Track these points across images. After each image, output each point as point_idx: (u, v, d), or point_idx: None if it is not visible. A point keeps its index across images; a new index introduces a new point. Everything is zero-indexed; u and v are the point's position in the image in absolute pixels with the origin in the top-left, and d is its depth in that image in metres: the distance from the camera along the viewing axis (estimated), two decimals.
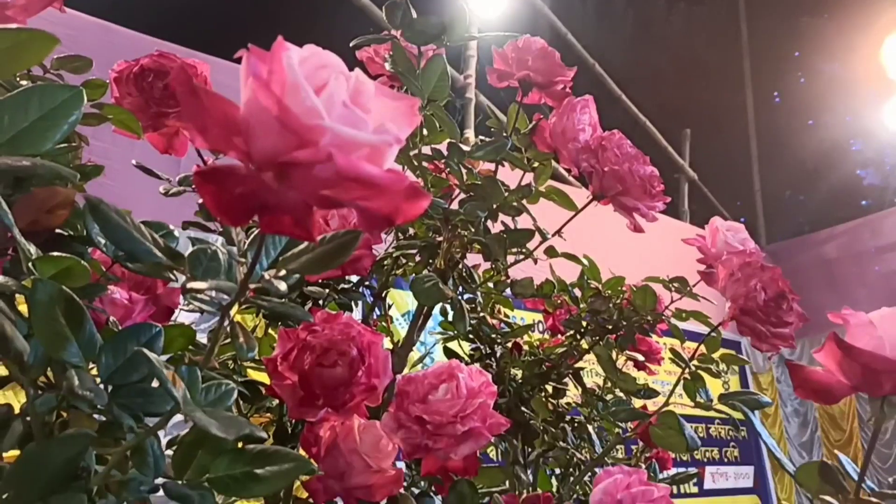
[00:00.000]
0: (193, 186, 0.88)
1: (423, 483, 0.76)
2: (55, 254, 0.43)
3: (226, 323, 0.37)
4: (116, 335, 0.41)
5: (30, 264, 0.44)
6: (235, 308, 0.40)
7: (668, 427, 0.65)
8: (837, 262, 5.97)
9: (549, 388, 1.09)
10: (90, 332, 0.40)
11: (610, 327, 1.04)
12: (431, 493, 0.74)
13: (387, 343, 0.84)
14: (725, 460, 5.33)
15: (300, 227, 0.29)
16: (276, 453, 0.43)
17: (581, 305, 1.07)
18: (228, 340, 0.42)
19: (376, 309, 0.93)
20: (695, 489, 4.87)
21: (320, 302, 0.81)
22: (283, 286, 0.35)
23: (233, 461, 0.43)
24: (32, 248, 0.42)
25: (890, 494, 0.44)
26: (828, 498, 0.45)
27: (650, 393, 0.84)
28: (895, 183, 9.78)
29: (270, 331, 0.83)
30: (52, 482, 0.41)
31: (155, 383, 0.43)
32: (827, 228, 6.33)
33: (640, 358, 1.16)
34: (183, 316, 0.65)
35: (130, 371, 0.41)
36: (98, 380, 0.42)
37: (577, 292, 1.08)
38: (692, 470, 0.92)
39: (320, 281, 0.78)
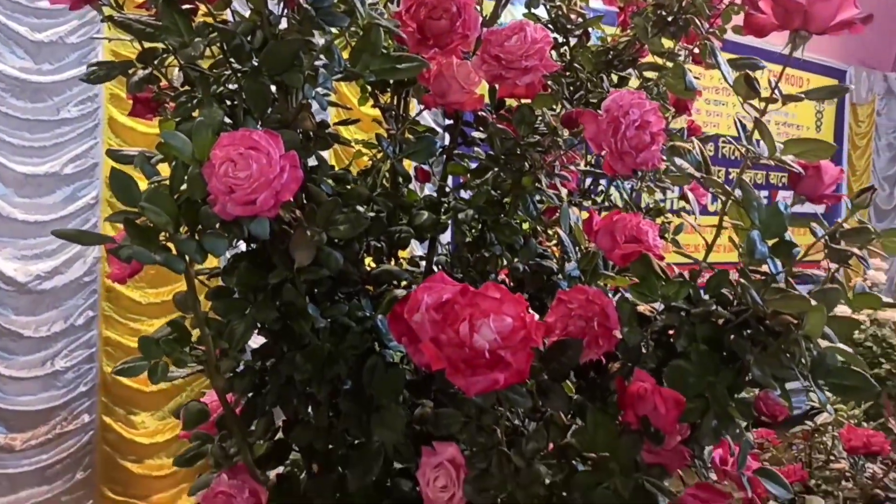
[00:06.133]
0: None
1: None
2: None
3: None
4: None
5: None
6: None
7: (677, 76, 0.90)
8: None
9: (615, 78, 1.32)
10: None
11: (670, 20, 1.23)
12: None
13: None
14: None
15: None
16: (410, 56, 0.72)
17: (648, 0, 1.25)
18: None
19: None
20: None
21: None
22: None
23: (384, 61, 0.73)
24: None
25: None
26: (753, 102, 0.71)
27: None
28: None
29: None
30: (283, 65, 0.72)
31: None
32: None
33: (696, 50, 1.36)
34: None
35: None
36: None
37: None
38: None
39: None
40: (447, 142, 1.07)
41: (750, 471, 0.82)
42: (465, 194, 1.06)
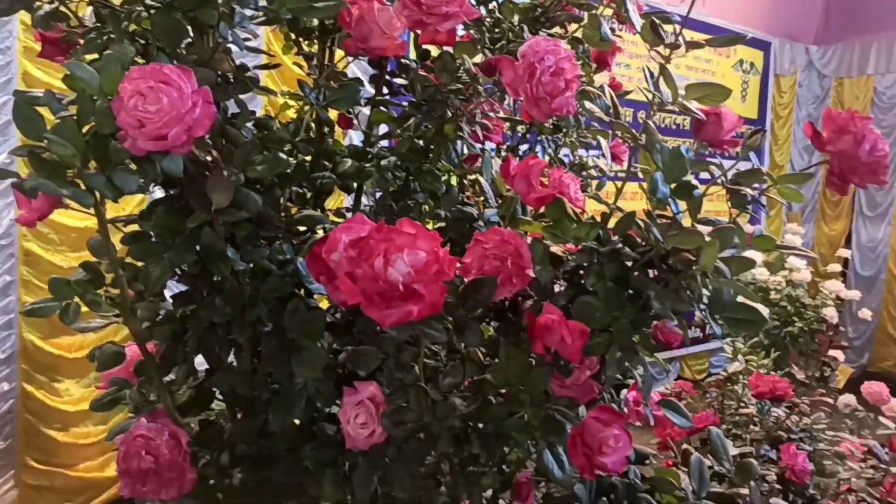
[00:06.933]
0: None
1: None
2: None
3: None
4: None
5: None
6: None
7: (593, 27, 0.93)
8: None
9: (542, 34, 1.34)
10: None
11: None
12: None
13: None
14: None
15: None
16: None
17: None
18: None
19: None
20: None
21: None
22: None
23: None
24: None
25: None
26: (659, 49, 0.74)
27: None
28: None
29: None
30: (196, 0, 0.70)
31: None
32: None
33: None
34: None
35: None
36: None
37: None
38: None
39: None
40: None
41: (654, 403, 0.87)
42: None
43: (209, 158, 0.77)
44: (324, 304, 0.99)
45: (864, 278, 6.13)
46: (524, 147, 1.39)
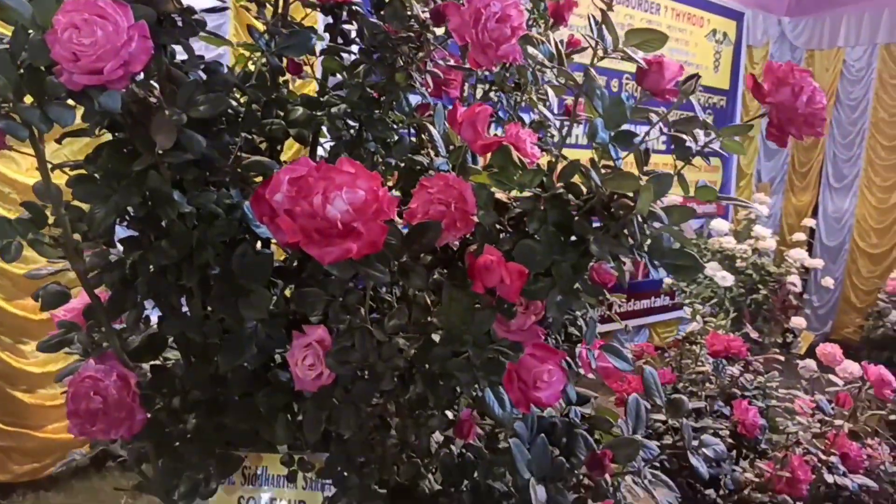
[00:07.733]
0: None
1: None
2: None
3: None
4: None
5: None
6: None
7: None
8: None
9: None
10: None
11: None
12: None
13: None
14: None
15: None
16: None
17: None
18: None
19: None
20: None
21: None
22: None
23: None
24: None
25: None
26: None
27: None
28: None
29: None
30: None
31: None
32: None
33: None
34: None
35: None
36: None
37: None
38: None
39: None
40: None
41: (597, 347, 0.90)
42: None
43: (153, 100, 0.77)
44: (280, 255, 0.99)
45: (828, 248, 6.27)
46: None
